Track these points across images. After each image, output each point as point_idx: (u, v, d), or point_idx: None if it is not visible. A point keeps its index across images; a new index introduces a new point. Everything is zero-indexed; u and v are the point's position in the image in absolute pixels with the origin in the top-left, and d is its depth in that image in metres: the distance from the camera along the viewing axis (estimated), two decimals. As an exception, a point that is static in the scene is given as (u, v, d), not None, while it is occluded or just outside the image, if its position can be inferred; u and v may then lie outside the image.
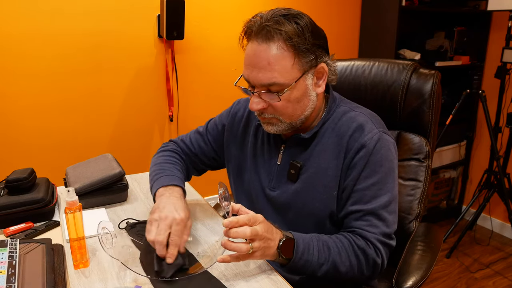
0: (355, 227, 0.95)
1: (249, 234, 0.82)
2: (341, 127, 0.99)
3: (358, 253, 0.93)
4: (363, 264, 0.93)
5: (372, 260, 0.93)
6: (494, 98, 2.54)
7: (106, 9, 1.91)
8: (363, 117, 0.99)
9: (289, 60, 0.89)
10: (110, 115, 2.04)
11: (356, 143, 0.95)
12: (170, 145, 1.24)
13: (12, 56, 1.77)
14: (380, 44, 2.51)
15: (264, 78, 0.90)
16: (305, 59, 0.91)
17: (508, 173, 2.47)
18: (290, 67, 0.90)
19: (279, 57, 0.89)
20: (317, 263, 0.90)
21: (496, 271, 2.34)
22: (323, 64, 0.95)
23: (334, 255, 0.91)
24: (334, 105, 1.03)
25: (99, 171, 1.25)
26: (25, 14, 1.76)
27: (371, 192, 0.95)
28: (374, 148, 0.95)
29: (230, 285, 0.86)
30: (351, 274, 0.94)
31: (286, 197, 1.03)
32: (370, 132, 0.96)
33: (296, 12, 0.92)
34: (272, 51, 0.89)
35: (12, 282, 0.79)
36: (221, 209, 1.45)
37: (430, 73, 1.19)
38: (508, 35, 2.29)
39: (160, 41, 2.08)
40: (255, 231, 0.83)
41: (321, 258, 0.90)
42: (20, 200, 1.10)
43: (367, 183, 0.95)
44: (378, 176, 0.95)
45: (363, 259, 0.93)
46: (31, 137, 1.88)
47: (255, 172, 1.09)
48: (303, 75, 0.92)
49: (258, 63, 0.90)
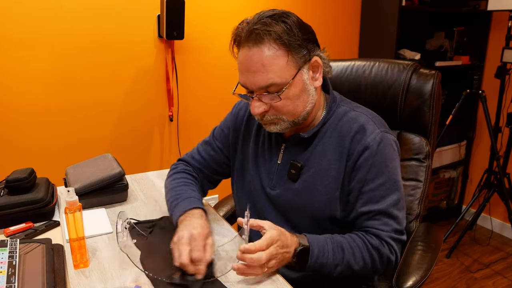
0: (368, 226, 0.96)
1: (264, 259, 0.83)
2: (342, 128, 0.99)
3: (372, 252, 0.94)
4: (377, 263, 0.95)
5: (386, 257, 0.95)
6: (494, 98, 2.54)
7: (106, 9, 1.91)
8: (364, 117, 0.99)
9: (282, 59, 0.89)
10: (110, 115, 2.04)
11: (359, 144, 0.96)
12: (179, 166, 1.21)
13: (12, 56, 1.77)
14: (380, 44, 2.51)
15: (261, 81, 0.90)
16: (298, 55, 0.91)
17: (508, 173, 2.47)
18: (285, 65, 0.90)
19: (272, 57, 0.89)
20: (332, 264, 0.92)
21: (496, 271, 2.34)
22: (316, 58, 0.95)
23: (348, 256, 0.93)
24: (334, 105, 1.03)
25: (99, 171, 1.25)
26: (24, 14, 1.76)
27: (380, 192, 0.95)
28: (378, 148, 0.95)
29: (230, 285, 0.86)
30: (365, 272, 0.96)
31: (286, 196, 1.03)
32: (372, 133, 0.96)
33: (281, 11, 0.92)
34: (265, 52, 0.89)
35: (12, 282, 0.79)
36: (220, 210, 1.45)
37: (431, 73, 1.19)
38: (508, 35, 2.29)
39: (160, 41, 2.08)
40: (270, 254, 0.84)
41: (335, 259, 0.92)
42: (20, 200, 1.10)
43: (375, 183, 0.95)
44: (385, 176, 0.96)
45: (377, 257, 0.95)
46: (31, 137, 1.88)
47: (256, 171, 1.09)
48: (299, 71, 0.92)
49: (252, 67, 0.90)
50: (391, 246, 0.96)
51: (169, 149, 2.24)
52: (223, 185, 1.29)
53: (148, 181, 1.43)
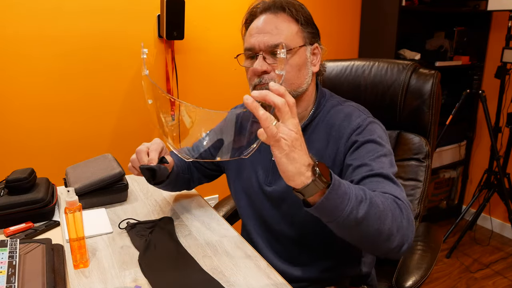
0: (374, 189, 0.84)
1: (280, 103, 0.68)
2: (329, 119, 1.01)
3: (394, 200, 0.80)
4: (401, 212, 0.79)
5: (407, 213, 0.80)
6: (494, 98, 2.54)
7: (106, 9, 1.91)
8: (350, 108, 1.02)
9: (294, 27, 0.97)
10: (110, 115, 2.04)
11: (348, 128, 0.97)
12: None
13: (12, 56, 1.77)
14: (380, 44, 2.51)
15: (271, 40, 0.95)
16: (307, 30, 0.99)
17: (508, 173, 2.47)
18: (295, 33, 0.97)
19: (286, 23, 0.96)
20: (355, 197, 0.73)
21: (496, 271, 2.34)
22: (317, 45, 1.02)
23: (370, 194, 0.77)
24: (323, 99, 1.05)
25: (99, 171, 1.25)
26: (24, 14, 1.76)
27: (379, 158, 0.90)
28: (368, 126, 0.96)
29: (229, 286, 0.86)
30: (390, 221, 0.76)
31: (281, 191, 1.04)
32: (359, 117, 0.98)
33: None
34: (280, 18, 0.97)
35: (12, 282, 0.79)
36: (220, 210, 1.45)
37: (430, 73, 1.19)
38: (508, 35, 2.29)
39: (160, 41, 2.08)
40: (285, 128, 0.68)
41: (358, 194, 0.74)
42: (20, 200, 1.10)
43: (372, 150, 0.91)
44: (381, 147, 0.92)
45: (399, 208, 0.79)
46: (31, 137, 1.88)
47: (253, 169, 1.10)
48: (304, 46, 0.98)
49: (266, 28, 0.96)
50: (408, 204, 0.82)
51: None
52: (223, 185, 1.29)
53: (147, 182, 1.43)
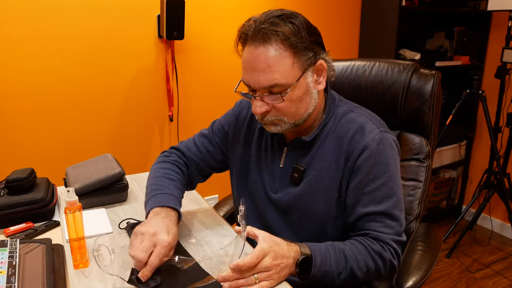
0: (369, 229, 0.95)
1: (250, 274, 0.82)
2: (341, 129, 0.98)
3: (376, 258, 0.93)
4: (380, 268, 0.94)
5: (389, 262, 0.94)
6: (494, 98, 2.54)
7: (106, 9, 1.91)
8: (363, 118, 0.99)
9: (288, 60, 0.89)
10: (110, 115, 2.04)
11: (358, 144, 0.95)
12: (171, 156, 1.18)
13: (12, 56, 1.77)
14: (380, 44, 2.51)
15: (265, 81, 0.89)
16: (304, 57, 0.90)
17: (508, 173, 2.47)
18: (290, 67, 0.89)
19: (278, 58, 0.88)
20: (335, 272, 0.90)
21: (496, 271, 2.34)
22: (321, 61, 0.95)
23: (351, 263, 0.91)
24: (333, 106, 1.02)
25: (99, 171, 1.25)
26: (24, 14, 1.76)
27: (382, 193, 0.94)
28: (378, 148, 0.94)
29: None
30: (368, 278, 0.95)
31: (288, 199, 1.03)
32: (371, 133, 0.95)
33: (289, 12, 0.91)
34: (271, 53, 0.88)
35: (12, 282, 0.79)
36: (220, 210, 1.45)
37: (431, 73, 1.19)
38: (508, 35, 2.29)
39: (160, 41, 2.08)
40: (263, 267, 0.82)
41: (339, 267, 0.90)
42: (20, 200, 1.10)
43: (376, 184, 0.94)
44: (387, 176, 0.95)
45: (380, 263, 0.93)
46: (31, 137, 1.88)
47: (259, 174, 1.09)
48: (304, 74, 0.92)
49: (257, 66, 0.89)
50: (394, 249, 0.94)
51: (169, 149, 2.23)
52: (223, 185, 1.29)
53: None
